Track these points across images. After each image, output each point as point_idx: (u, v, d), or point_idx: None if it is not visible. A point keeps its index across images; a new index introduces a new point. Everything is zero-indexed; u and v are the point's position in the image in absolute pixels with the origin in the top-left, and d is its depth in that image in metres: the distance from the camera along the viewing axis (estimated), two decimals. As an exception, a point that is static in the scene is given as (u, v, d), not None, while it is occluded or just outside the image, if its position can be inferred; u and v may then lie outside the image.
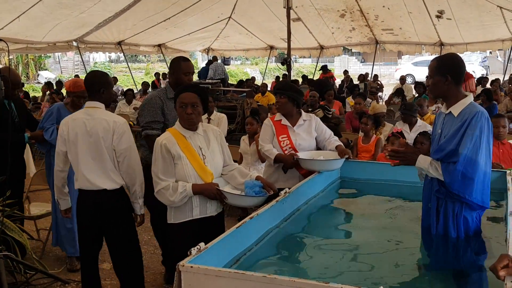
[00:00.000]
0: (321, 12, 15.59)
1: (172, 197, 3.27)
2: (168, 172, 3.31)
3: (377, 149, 6.22)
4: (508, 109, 10.69)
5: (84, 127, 3.69)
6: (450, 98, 3.11)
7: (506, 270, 2.13)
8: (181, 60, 4.38)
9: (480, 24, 14.25)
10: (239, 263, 2.83)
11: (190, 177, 3.32)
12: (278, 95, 4.51)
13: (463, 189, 2.96)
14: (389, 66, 35.14)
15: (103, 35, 15.43)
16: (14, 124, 4.85)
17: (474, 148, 2.92)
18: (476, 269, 2.98)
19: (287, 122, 4.48)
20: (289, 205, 3.63)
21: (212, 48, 21.13)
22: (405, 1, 13.76)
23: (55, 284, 4.59)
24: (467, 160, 2.92)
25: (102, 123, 3.68)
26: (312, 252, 3.19)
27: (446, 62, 3.13)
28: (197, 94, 3.37)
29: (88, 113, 3.75)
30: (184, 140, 3.35)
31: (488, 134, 2.99)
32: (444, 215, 3.10)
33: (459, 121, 3.01)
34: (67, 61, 35.48)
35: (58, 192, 3.97)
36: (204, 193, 3.32)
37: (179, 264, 2.38)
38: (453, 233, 3.08)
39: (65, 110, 4.77)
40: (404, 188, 4.37)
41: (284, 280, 2.19)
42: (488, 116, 3.02)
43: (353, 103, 9.20)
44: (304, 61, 38.23)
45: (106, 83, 3.85)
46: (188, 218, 3.38)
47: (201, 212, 3.40)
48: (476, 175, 2.94)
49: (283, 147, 4.42)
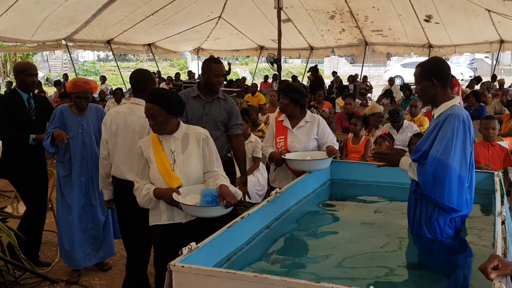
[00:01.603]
0: (311, 13, 15.63)
1: (138, 199, 3.31)
2: (143, 174, 3.33)
3: (366, 150, 6.25)
4: (496, 111, 10.78)
5: (125, 121, 3.89)
6: (438, 101, 3.11)
7: (497, 272, 2.14)
8: (212, 62, 4.38)
9: (468, 26, 14.36)
10: (230, 262, 2.84)
11: (156, 181, 3.29)
12: (281, 96, 4.53)
13: (434, 191, 2.95)
14: (378, 67, 35.24)
15: (92, 33, 15.30)
16: (31, 122, 4.73)
17: (445, 150, 2.90)
18: (462, 270, 3.00)
19: (288, 123, 4.55)
20: (279, 206, 3.64)
21: (202, 48, 21.09)
22: (394, 3, 13.84)
23: (44, 284, 4.56)
24: (437, 162, 2.90)
25: (140, 120, 3.81)
26: (302, 252, 3.20)
27: (429, 67, 3.13)
28: (155, 103, 3.22)
29: (130, 108, 3.94)
30: (158, 144, 3.32)
31: (465, 136, 2.95)
32: (419, 216, 3.14)
33: (435, 122, 3.05)
34: (56, 60, 35.22)
35: (102, 181, 4.10)
36: (163, 198, 3.25)
37: (170, 264, 2.38)
38: (428, 234, 3.10)
39: (69, 112, 4.59)
40: (393, 189, 4.39)
41: (275, 280, 2.20)
42: (468, 119, 2.99)
43: (343, 103, 9.23)
44: (294, 61, 38.26)
45: (151, 80, 4.05)
46: (157, 222, 3.36)
47: (169, 218, 3.33)
48: (447, 178, 2.91)
49: (278, 148, 4.52)
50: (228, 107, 4.40)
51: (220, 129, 4.38)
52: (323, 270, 2.91)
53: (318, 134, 4.53)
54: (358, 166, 4.89)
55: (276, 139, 4.55)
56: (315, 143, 4.55)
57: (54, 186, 5.43)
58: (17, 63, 5.13)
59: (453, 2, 12.92)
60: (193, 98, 4.37)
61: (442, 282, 2.86)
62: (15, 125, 4.65)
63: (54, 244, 5.48)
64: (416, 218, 3.17)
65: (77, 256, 4.65)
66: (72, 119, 4.58)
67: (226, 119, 4.39)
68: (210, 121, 4.32)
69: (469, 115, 3.07)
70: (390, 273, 2.89)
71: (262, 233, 3.32)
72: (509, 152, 5.59)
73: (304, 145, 4.49)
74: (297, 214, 3.83)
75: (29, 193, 4.85)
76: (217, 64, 4.35)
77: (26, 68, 4.72)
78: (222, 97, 4.42)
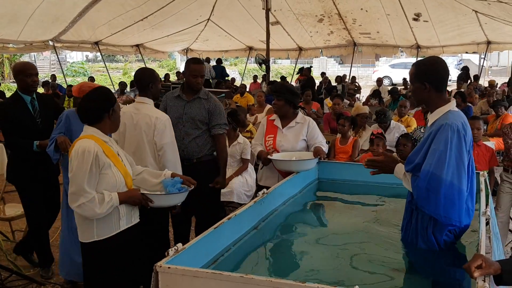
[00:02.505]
0: (300, 17, 15.69)
1: (99, 209, 2.93)
2: (93, 183, 2.96)
3: (354, 150, 6.27)
4: (482, 111, 10.87)
5: (131, 120, 3.91)
6: (431, 105, 3.00)
7: (480, 271, 2.16)
8: (191, 62, 4.44)
9: (456, 27, 14.49)
10: (216, 263, 2.84)
11: (120, 185, 3.08)
12: (276, 98, 4.55)
13: (428, 206, 2.85)
14: (367, 68, 35.39)
15: (79, 33, 15.21)
16: (36, 126, 4.53)
17: (438, 164, 2.78)
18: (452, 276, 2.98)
19: (279, 122, 4.61)
20: (266, 206, 3.65)
21: (191, 49, 21.06)
22: (383, 3, 13.91)
23: (30, 286, 4.53)
24: (430, 177, 2.80)
25: (146, 119, 3.87)
26: (289, 253, 3.21)
27: (424, 69, 2.97)
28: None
29: (136, 107, 4.00)
30: (107, 146, 3.07)
31: (460, 146, 2.81)
32: (415, 226, 3.06)
33: (428, 132, 2.95)
34: (43, 61, 34.95)
35: None
36: (129, 200, 3.09)
37: (157, 265, 2.38)
38: (423, 245, 3.02)
39: (75, 117, 4.24)
40: (380, 189, 4.42)
41: (261, 280, 2.20)
42: (463, 127, 2.85)
43: (331, 104, 9.25)
44: (283, 62, 38.31)
45: (154, 77, 4.07)
46: (115, 231, 3.08)
47: (127, 221, 3.15)
48: (441, 193, 2.79)
49: (267, 146, 4.57)
50: (209, 106, 4.38)
51: (200, 128, 4.36)
52: (309, 270, 2.92)
53: (307, 135, 4.56)
54: (345, 166, 4.91)
55: (265, 137, 4.60)
56: (303, 144, 4.57)
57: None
58: (16, 64, 4.89)
59: (441, 0, 13.01)
60: (175, 97, 4.45)
61: (428, 284, 2.88)
62: (19, 131, 4.48)
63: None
64: (412, 228, 3.09)
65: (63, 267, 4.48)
66: (78, 124, 4.36)
67: (206, 119, 4.37)
68: (188, 120, 4.34)
69: (466, 122, 2.94)
70: (377, 275, 2.89)
71: (250, 233, 3.32)
72: (494, 152, 5.65)
73: (292, 145, 4.51)
74: (284, 215, 3.84)
75: (30, 199, 4.65)
76: (195, 65, 4.37)
77: (25, 68, 4.53)
78: (204, 97, 4.39)
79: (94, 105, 3.08)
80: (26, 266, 4.94)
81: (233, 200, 5.76)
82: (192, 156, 4.35)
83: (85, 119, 3.12)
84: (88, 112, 3.09)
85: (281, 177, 4.36)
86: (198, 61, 4.53)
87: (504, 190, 5.40)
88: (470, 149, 2.94)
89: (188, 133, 4.33)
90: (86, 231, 3.05)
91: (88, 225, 3.03)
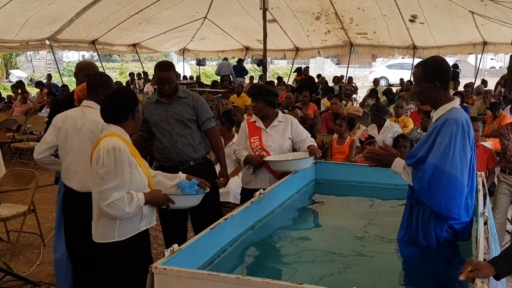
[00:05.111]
0: (297, 14, 15.70)
1: (128, 209, 2.91)
2: (126, 181, 2.94)
3: (351, 150, 6.26)
4: (480, 111, 10.88)
5: (75, 125, 3.68)
6: (437, 103, 3.01)
7: (466, 275, 2.20)
8: (157, 69, 4.22)
9: (452, 28, 14.52)
10: (213, 265, 2.81)
11: (144, 186, 3.08)
12: (255, 100, 4.50)
13: (430, 198, 2.86)
14: (364, 68, 35.46)
15: (76, 32, 15.19)
16: None
17: (442, 157, 2.80)
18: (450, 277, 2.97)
19: (261, 123, 4.52)
20: (263, 207, 3.62)
21: (187, 49, 21.04)
22: (380, 4, 13.94)
23: (25, 287, 4.50)
24: (434, 169, 2.81)
25: (92, 124, 3.64)
26: (286, 254, 3.18)
27: (433, 68, 2.97)
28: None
29: (82, 111, 3.73)
30: (131, 146, 3.08)
31: (464, 141, 2.85)
32: (416, 221, 3.06)
33: (432, 126, 2.97)
34: (40, 60, 34.87)
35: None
36: (153, 201, 3.09)
37: (152, 266, 2.36)
38: (423, 241, 3.02)
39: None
40: (378, 190, 4.41)
41: (258, 282, 2.18)
42: (467, 123, 2.89)
43: (329, 103, 9.26)
44: (279, 62, 38.30)
45: (105, 83, 3.77)
46: (135, 231, 3.06)
47: (147, 222, 3.15)
48: (444, 185, 2.81)
49: (254, 148, 4.48)
50: (192, 103, 4.30)
51: (190, 127, 4.29)
52: (306, 271, 2.90)
53: (293, 133, 4.53)
54: (342, 167, 4.89)
55: (250, 139, 4.50)
56: (289, 143, 4.54)
57: (35, 188, 5.39)
58: (79, 63, 4.77)
59: (437, 3, 13.05)
60: (153, 103, 4.31)
61: (427, 285, 2.86)
62: None
63: (36, 246, 5.42)
64: (412, 224, 3.08)
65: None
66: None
67: (194, 116, 4.30)
68: (176, 121, 4.25)
69: (469, 118, 2.97)
70: (374, 276, 2.88)
71: (246, 234, 3.30)
72: (493, 152, 5.64)
73: (279, 144, 4.47)
74: (281, 215, 3.81)
75: None
76: (160, 72, 4.18)
77: (86, 68, 4.38)
78: (183, 95, 4.30)
79: (119, 105, 3.08)
80: (20, 267, 4.91)
81: (230, 201, 5.74)
82: (189, 158, 4.29)
83: (109, 118, 3.11)
84: (113, 112, 3.09)
85: (272, 179, 4.32)
86: (163, 68, 4.21)
87: (501, 191, 5.39)
88: (472, 146, 2.97)
89: (180, 133, 4.25)
90: (106, 231, 3.01)
91: (110, 225, 2.99)
